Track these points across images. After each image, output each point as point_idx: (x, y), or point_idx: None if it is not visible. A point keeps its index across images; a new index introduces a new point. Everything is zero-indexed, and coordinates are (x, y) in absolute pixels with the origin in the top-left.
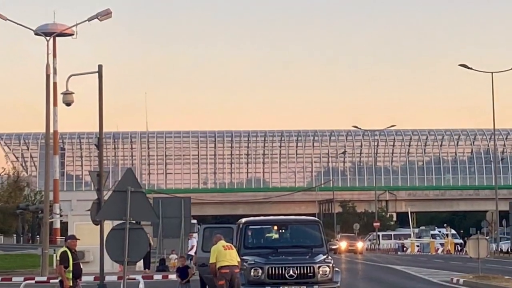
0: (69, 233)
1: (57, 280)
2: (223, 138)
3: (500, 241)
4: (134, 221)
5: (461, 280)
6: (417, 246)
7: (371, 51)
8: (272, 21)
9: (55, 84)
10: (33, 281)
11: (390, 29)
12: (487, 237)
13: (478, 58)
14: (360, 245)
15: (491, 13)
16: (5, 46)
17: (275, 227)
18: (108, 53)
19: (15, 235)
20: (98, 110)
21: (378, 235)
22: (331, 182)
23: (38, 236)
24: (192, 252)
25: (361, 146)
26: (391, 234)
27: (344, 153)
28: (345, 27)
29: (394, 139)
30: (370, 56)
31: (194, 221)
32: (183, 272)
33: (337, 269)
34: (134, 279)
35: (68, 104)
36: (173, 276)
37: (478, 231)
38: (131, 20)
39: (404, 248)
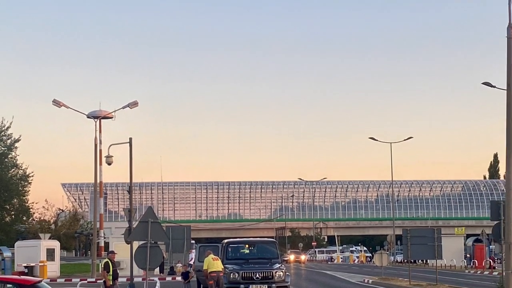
0: (110, 249)
1: (101, 281)
2: (212, 186)
3: (396, 254)
4: (153, 242)
5: (370, 281)
6: (341, 258)
7: (309, 127)
8: (243, 107)
9: (100, 150)
10: (86, 281)
11: (322, 110)
12: (387, 252)
13: (383, 131)
14: (303, 257)
15: (392, 97)
16: (66, 125)
17: (247, 246)
18: (135, 129)
19: (73, 250)
20: (129, 167)
21: (315, 251)
22: (283, 215)
23: (89, 251)
24: (191, 262)
25: (303, 191)
26: (323, 250)
27: (292, 196)
28: (292, 111)
29: (326, 187)
30: (308, 131)
31: (193, 241)
32: (185, 275)
33: (287, 273)
34: (153, 280)
35: (109, 164)
36: (178, 278)
37: (382, 248)
38: (152, 106)
39: (332, 259)
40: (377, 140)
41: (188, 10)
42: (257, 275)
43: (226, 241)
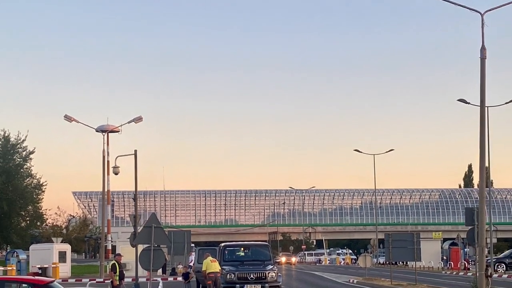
0: (117, 252)
1: (109, 281)
2: (211, 194)
3: (379, 257)
4: (156, 245)
5: (355, 281)
6: (328, 260)
7: (299, 140)
8: (239, 122)
9: (108, 161)
10: (94, 281)
11: (311, 125)
12: (371, 255)
13: (367, 144)
14: (293, 259)
15: (375, 113)
16: (77, 138)
17: (242, 248)
18: (140, 141)
19: (83, 253)
20: (134, 177)
21: (304, 253)
22: (276, 221)
23: (97, 254)
24: (191, 264)
25: (294, 199)
26: (312, 253)
27: (284, 203)
28: (284, 126)
29: (314, 195)
30: (298, 144)
31: (193, 245)
32: (186, 276)
33: (279, 274)
34: (156, 280)
35: (116, 174)
36: (179, 279)
37: (366, 251)
38: (155, 121)
39: (320, 261)
40: (361, 152)
41: (189, 33)
42: (252, 276)
43: (223, 244)
